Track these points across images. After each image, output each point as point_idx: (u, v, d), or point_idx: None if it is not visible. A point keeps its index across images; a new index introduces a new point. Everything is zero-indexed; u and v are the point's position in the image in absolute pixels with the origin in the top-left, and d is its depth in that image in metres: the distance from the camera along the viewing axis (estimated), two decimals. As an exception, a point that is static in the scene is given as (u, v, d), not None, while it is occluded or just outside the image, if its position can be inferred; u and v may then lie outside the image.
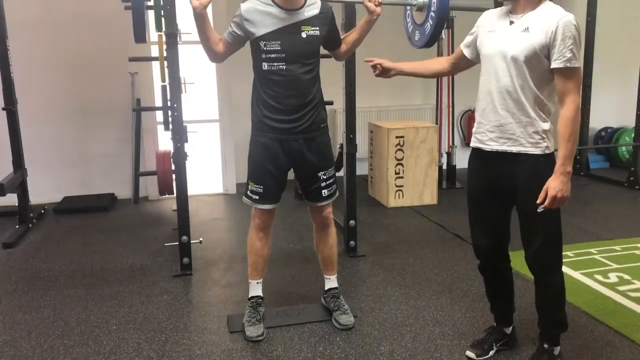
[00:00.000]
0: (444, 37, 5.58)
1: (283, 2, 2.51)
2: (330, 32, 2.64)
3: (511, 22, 2.15)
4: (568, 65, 2.03)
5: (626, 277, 3.27)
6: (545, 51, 2.05)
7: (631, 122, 5.64)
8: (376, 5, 2.61)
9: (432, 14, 2.66)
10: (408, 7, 2.91)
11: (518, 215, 2.28)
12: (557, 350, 2.36)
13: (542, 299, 2.34)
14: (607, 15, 5.88)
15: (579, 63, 2.06)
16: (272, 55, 2.51)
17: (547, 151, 2.15)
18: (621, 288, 3.12)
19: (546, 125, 2.14)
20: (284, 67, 2.52)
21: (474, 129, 2.33)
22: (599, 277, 3.29)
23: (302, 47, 2.53)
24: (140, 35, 2.38)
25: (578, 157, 6.19)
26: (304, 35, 2.52)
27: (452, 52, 5.69)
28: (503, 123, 2.17)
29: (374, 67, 2.58)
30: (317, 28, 2.55)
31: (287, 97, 2.57)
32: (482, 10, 2.79)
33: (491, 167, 2.26)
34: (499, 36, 2.17)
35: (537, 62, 2.08)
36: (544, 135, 2.14)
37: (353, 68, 3.65)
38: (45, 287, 3.35)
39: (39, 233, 4.42)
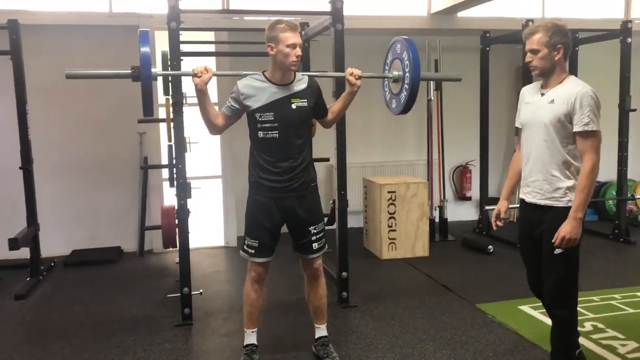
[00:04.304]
0: (433, 98, 5.96)
1: (275, 78, 2.84)
2: (316, 103, 2.96)
3: (542, 94, 2.62)
4: (586, 128, 2.47)
5: (600, 326, 3.47)
6: (568, 118, 2.51)
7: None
8: (356, 79, 2.94)
9: (406, 85, 2.98)
10: (385, 79, 3.24)
11: (542, 254, 2.66)
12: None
13: (554, 328, 2.73)
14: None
15: (597, 127, 2.48)
16: (267, 125, 2.82)
17: (569, 204, 2.53)
18: (594, 336, 3.32)
19: (569, 183, 2.55)
20: (277, 134, 2.83)
21: (521, 183, 2.77)
22: (575, 326, 3.48)
23: (293, 117, 2.85)
24: (148, 111, 2.72)
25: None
26: (294, 106, 2.85)
27: (442, 112, 6.07)
28: (534, 180, 2.64)
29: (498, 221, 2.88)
30: (305, 100, 2.88)
31: (280, 161, 2.87)
32: (449, 80, 3.18)
33: (529, 214, 2.72)
34: (533, 107, 2.65)
35: (562, 127, 2.53)
36: (567, 191, 2.55)
37: (344, 131, 3.94)
38: (55, 337, 3.56)
39: (49, 285, 4.65)
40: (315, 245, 3.02)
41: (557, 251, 2.53)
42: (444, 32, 6.10)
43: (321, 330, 3.13)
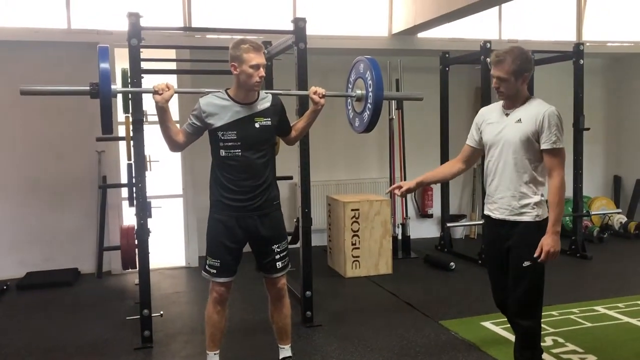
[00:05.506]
0: (394, 117, 6.04)
1: (238, 97, 2.83)
2: (280, 122, 2.96)
3: (506, 115, 2.67)
4: (554, 146, 2.56)
5: (560, 340, 3.53)
6: (536, 136, 2.58)
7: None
8: (320, 98, 2.95)
9: (369, 105, 3.01)
10: (349, 98, 3.26)
11: (509, 268, 2.70)
12: None
13: (518, 341, 2.76)
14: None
15: (562, 144, 2.57)
16: (229, 144, 2.80)
17: (537, 219, 2.61)
18: (555, 351, 3.37)
19: (536, 198, 2.61)
20: (240, 153, 2.81)
21: (485, 200, 2.80)
22: (536, 341, 3.53)
23: (256, 136, 2.84)
24: (107, 129, 2.66)
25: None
26: (257, 125, 2.83)
27: (403, 130, 6.14)
28: (502, 197, 2.68)
29: (397, 189, 2.89)
30: (269, 119, 2.87)
31: (242, 180, 2.84)
32: (412, 99, 3.22)
33: (496, 231, 2.76)
34: (498, 126, 2.69)
35: (530, 145, 2.60)
36: (535, 206, 2.62)
37: (307, 149, 3.93)
38: (6, 363, 3.42)
39: (0, 309, 4.46)
40: (278, 264, 2.99)
41: (526, 264, 2.60)
42: (404, 53, 6.20)
43: (285, 351, 3.09)
